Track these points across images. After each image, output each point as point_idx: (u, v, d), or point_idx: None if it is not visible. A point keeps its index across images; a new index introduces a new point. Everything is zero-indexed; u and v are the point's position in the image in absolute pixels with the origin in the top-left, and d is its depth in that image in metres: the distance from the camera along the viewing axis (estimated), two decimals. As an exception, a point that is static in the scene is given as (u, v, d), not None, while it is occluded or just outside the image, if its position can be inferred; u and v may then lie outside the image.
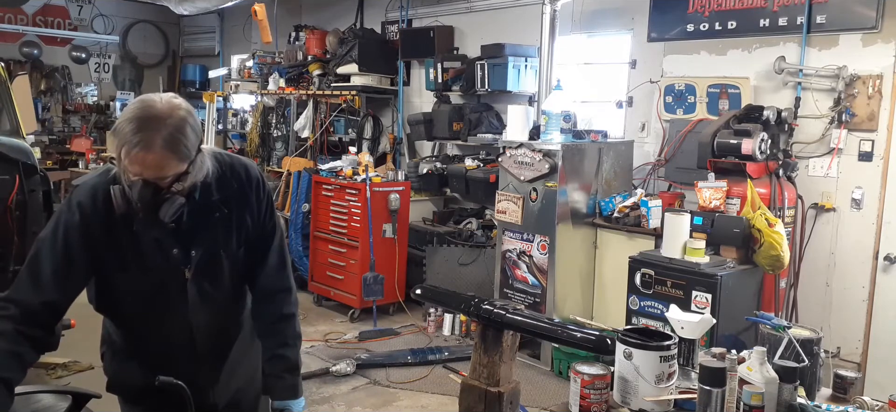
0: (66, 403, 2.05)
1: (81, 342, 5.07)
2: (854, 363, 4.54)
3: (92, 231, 1.92)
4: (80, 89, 11.43)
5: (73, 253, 1.92)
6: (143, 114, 1.78)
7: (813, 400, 2.32)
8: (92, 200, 1.92)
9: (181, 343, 2.09)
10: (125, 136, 1.75)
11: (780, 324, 2.54)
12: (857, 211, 4.64)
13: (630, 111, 5.81)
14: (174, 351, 2.09)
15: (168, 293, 2.03)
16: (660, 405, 2.16)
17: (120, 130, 1.77)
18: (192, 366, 2.09)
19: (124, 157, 1.77)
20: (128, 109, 1.82)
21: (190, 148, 1.84)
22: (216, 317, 2.13)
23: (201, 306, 2.06)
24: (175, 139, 1.79)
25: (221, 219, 2.03)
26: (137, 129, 1.75)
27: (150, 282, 2.01)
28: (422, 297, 3.32)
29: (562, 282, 5.06)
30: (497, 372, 2.59)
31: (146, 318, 2.07)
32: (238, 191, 2.07)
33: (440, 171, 6.69)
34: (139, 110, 1.78)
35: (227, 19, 11.28)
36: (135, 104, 1.83)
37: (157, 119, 1.77)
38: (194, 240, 2.01)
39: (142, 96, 1.87)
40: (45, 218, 4.65)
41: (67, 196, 2.01)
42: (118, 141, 1.78)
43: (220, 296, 2.10)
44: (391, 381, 4.87)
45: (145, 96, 1.85)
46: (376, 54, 7.65)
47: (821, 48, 4.75)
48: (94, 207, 1.91)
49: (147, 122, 1.76)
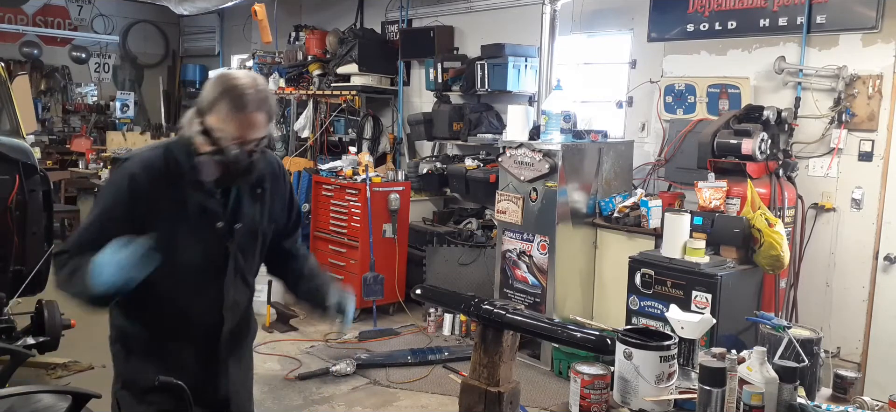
0: (66, 403, 2.05)
1: (81, 342, 5.07)
2: (854, 363, 4.54)
3: (143, 201, 1.99)
4: (80, 89, 11.42)
5: (122, 223, 1.96)
6: (234, 82, 1.95)
7: (813, 400, 2.33)
8: (146, 171, 2.00)
9: (211, 323, 2.14)
10: (223, 102, 1.93)
11: (780, 325, 2.54)
12: (857, 211, 4.64)
13: (630, 111, 5.80)
14: (201, 332, 2.14)
15: (209, 266, 2.10)
16: (660, 405, 2.16)
17: (216, 98, 1.94)
18: (215, 351, 2.16)
19: (223, 122, 1.93)
20: (215, 83, 1.98)
21: (273, 111, 2.03)
22: (242, 296, 2.22)
23: (234, 281, 2.15)
24: (267, 101, 1.99)
25: (261, 196, 2.17)
26: (235, 95, 1.93)
27: (194, 255, 2.07)
28: (422, 297, 3.33)
29: (562, 282, 5.05)
30: (497, 372, 2.59)
31: (182, 296, 2.10)
32: (272, 173, 2.22)
33: (440, 171, 6.69)
34: (228, 80, 1.96)
35: (227, 19, 11.27)
36: (221, 78, 1.99)
37: (247, 85, 1.95)
38: (238, 214, 2.12)
39: (222, 71, 2.05)
40: (46, 218, 4.65)
41: (117, 168, 2.06)
42: (213, 108, 1.94)
43: (249, 273, 2.22)
44: (391, 381, 4.87)
45: (226, 70, 2.06)
46: (376, 54, 7.65)
47: (821, 48, 4.75)
48: (147, 178, 1.99)
49: (241, 88, 1.94)
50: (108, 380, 2.33)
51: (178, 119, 12.18)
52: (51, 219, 4.76)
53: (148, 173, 2.00)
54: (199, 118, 1.98)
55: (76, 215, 8.69)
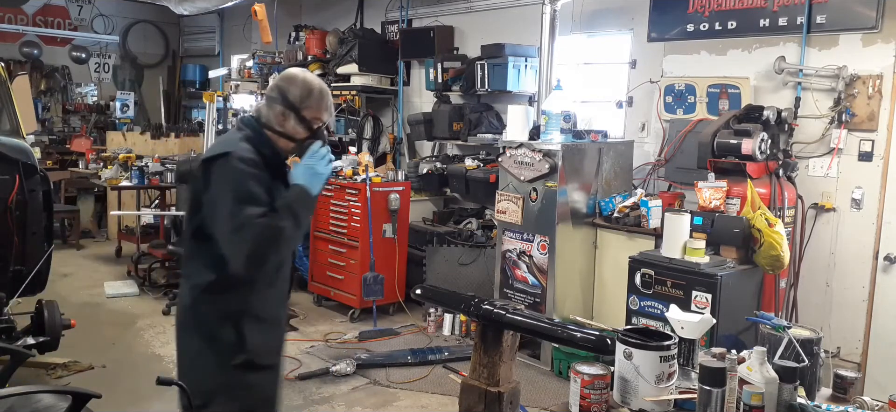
0: (66, 403, 2.05)
1: (81, 342, 5.09)
2: (854, 363, 4.54)
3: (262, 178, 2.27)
4: (80, 89, 11.43)
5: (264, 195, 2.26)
6: (316, 81, 2.40)
7: (813, 400, 2.33)
8: (254, 154, 2.27)
9: (288, 289, 2.52)
10: (314, 97, 2.36)
11: (780, 325, 2.54)
12: (857, 211, 4.64)
13: (630, 111, 5.81)
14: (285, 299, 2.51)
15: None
16: (660, 405, 2.16)
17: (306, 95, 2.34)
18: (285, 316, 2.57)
19: (318, 111, 2.37)
20: (302, 84, 2.35)
21: None
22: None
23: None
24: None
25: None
26: (324, 91, 2.38)
27: None
28: (422, 297, 3.33)
29: (562, 282, 5.06)
30: (497, 372, 2.59)
31: (285, 269, 2.48)
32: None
33: (440, 171, 6.69)
34: (310, 79, 2.38)
35: (227, 19, 11.28)
36: (303, 79, 2.37)
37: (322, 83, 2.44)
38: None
39: (294, 72, 2.41)
40: (46, 218, 4.65)
41: (227, 160, 2.22)
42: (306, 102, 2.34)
43: None
44: (391, 381, 4.87)
45: (294, 71, 2.41)
46: (376, 54, 7.66)
47: (821, 48, 4.75)
48: (255, 160, 2.26)
49: (322, 85, 2.41)
50: (108, 380, 2.33)
51: (179, 119, 12.26)
52: (51, 219, 4.76)
53: (252, 163, 2.25)
54: (294, 113, 2.33)
55: (76, 215, 8.71)
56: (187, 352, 2.40)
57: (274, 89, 2.38)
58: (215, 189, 2.23)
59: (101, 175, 8.34)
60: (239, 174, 2.20)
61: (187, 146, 9.93)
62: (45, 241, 4.65)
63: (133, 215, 8.37)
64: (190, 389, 2.14)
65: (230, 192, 2.19)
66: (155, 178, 8.07)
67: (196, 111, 11.98)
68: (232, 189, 2.19)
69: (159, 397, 4.35)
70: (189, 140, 10.15)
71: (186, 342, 2.39)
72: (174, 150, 9.81)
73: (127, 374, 4.82)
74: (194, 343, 2.35)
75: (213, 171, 2.23)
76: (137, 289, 6.76)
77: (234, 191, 2.19)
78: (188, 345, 2.38)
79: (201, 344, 2.34)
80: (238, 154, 2.23)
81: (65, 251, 8.14)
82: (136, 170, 8.05)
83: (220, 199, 2.21)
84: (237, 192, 2.19)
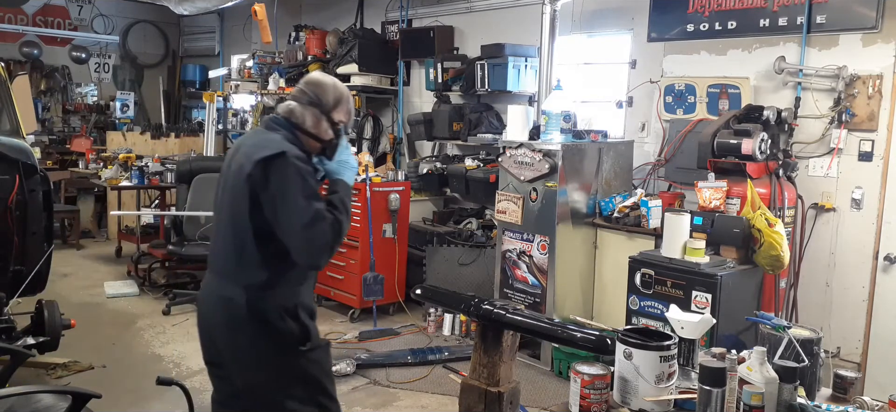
0: (66, 403, 2.05)
1: (81, 342, 5.09)
2: (854, 363, 4.54)
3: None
4: (80, 89, 11.44)
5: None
6: (339, 82, 2.58)
7: (813, 400, 2.33)
8: (300, 153, 2.40)
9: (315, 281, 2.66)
10: (343, 101, 2.54)
11: (780, 324, 2.54)
12: (857, 211, 4.64)
13: (630, 111, 5.81)
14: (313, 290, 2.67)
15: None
16: (660, 405, 2.16)
17: (337, 99, 2.52)
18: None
19: (345, 114, 2.54)
20: (332, 89, 2.53)
21: None
22: None
23: None
24: None
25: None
26: (347, 93, 2.57)
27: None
28: (422, 297, 3.34)
29: (562, 282, 5.06)
30: (497, 372, 2.60)
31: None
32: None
33: (440, 171, 6.69)
34: (338, 84, 2.56)
35: (227, 19, 11.28)
36: (331, 84, 2.54)
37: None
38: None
39: (323, 76, 2.58)
40: (46, 218, 4.65)
41: (285, 159, 2.32)
42: (337, 106, 2.52)
43: None
44: (391, 381, 4.87)
45: (321, 75, 2.58)
46: (376, 54, 7.65)
47: (821, 48, 4.76)
48: (305, 158, 2.41)
49: (343, 86, 2.60)
50: (108, 381, 2.34)
51: (179, 119, 12.25)
52: (51, 219, 4.76)
53: (305, 162, 2.39)
54: (326, 116, 2.50)
55: (76, 215, 8.71)
56: (248, 351, 2.42)
57: (305, 94, 2.51)
58: (276, 187, 2.30)
59: (101, 175, 8.34)
60: (302, 172, 2.33)
61: (187, 146, 9.94)
62: (45, 241, 4.64)
63: (133, 215, 8.37)
64: (265, 386, 2.41)
65: (298, 190, 2.30)
66: (155, 178, 8.07)
67: (196, 111, 11.99)
68: (299, 186, 2.31)
69: (159, 397, 4.36)
70: (189, 140, 10.15)
71: (245, 341, 2.41)
72: (174, 150, 9.81)
73: (127, 374, 4.82)
74: (258, 342, 2.39)
75: (271, 169, 2.30)
76: (137, 289, 6.76)
77: (302, 188, 2.31)
78: (249, 344, 2.41)
79: (266, 341, 2.40)
80: (293, 153, 2.34)
81: (65, 251, 8.14)
82: (136, 170, 8.06)
83: (285, 196, 2.30)
84: (304, 189, 2.31)
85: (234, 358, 2.47)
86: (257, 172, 2.31)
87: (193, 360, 5.14)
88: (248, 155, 2.37)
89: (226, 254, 2.45)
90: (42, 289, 4.64)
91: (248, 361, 2.44)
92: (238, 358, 2.46)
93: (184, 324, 5.90)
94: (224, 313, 2.42)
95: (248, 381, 2.47)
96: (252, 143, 2.45)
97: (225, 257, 2.45)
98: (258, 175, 2.31)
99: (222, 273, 2.46)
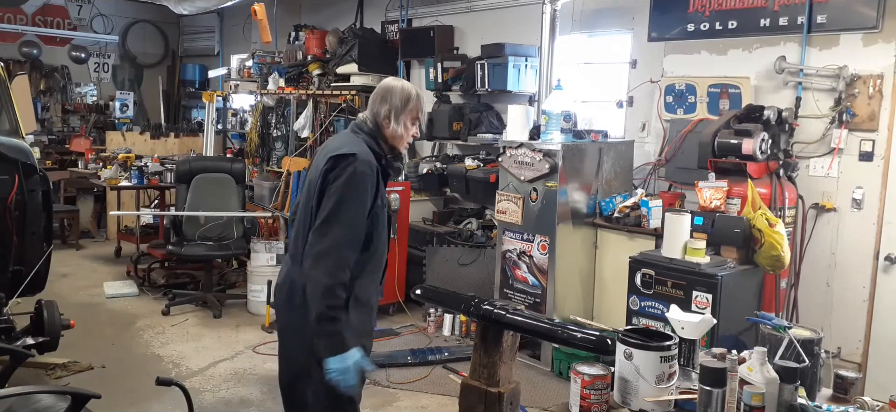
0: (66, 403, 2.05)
1: (81, 342, 5.09)
2: (854, 363, 4.53)
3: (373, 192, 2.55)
4: (80, 89, 11.43)
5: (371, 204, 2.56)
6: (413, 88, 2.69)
7: (813, 400, 2.32)
8: (373, 158, 2.56)
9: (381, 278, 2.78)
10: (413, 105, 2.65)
11: (780, 325, 2.54)
12: (858, 211, 4.64)
13: (630, 111, 5.80)
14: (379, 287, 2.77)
15: (388, 228, 2.71)
16: (660, 405, 2.16)
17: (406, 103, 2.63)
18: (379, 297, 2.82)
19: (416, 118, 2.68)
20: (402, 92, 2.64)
21: None
22: None
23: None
24: None
25: None
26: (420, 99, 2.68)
27: (384, 232, 2.67)
28: (422, 297, 3.34)
29: (562, 283, 5.05)
30: (497, 372, 2.59)
31: (383, 254, 2.71)
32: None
33: (440, 171, 6.69)
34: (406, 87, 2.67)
35: (227, 19, 11.28)
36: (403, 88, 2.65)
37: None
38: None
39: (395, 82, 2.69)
40: (45, 218, 4.64)
41: (350, 163, 2.48)
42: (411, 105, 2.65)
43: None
44: (391, 381, 4.86)
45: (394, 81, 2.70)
46: (376, 54, 7.65)
47: (821, 48, 4.75)
48: (373, 165, 2.55)
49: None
50: (107, 381, 2.33)
51: (178, 118, 12.26)
52: (50, 219, 4.76)
53: (371, 169, 2.52)
54: (396, 119, 2.63)
55: (75, 215, 8.71)
56: (297, 328, 2.61)
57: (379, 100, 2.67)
58: (333, 186, 2.49)
59: (101, 175, 8.34)
60: (358, 182, 2.49)
61: (187, 146, 9.93)
62: (45, 241, 4.64)
63: (132, 215, 8.36)
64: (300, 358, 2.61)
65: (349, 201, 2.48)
66: (154, 178, 8.06)
67: (195, 111, 11.99)
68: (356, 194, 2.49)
69: (159, 397, 4.35)
70: (188, 140, 10.15)
71: (295, 321, 2.60)
72: (173, 150, 9.81)
73: (126, 375, 4.82)
74: (303, 323, 2.54)
75: (339, 166, 2.49)
76: (137, 290, 6.75)
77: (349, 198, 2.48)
78: (297, 323, 2.59)
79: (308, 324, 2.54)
80: (363, 157, 2.51)
81: (64, 251, 8.13)
82: (136, 170, 8.05)
83: (336, 194, 2.47)
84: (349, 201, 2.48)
85: (287, 332, 2.73)
86: (329, 167, 2.51)
87: (193, 361, 5.14)
88: (327, 152, 2.58)
89: (297, 240, 2.64)
90: (41, 289, 4.64)
91: (292, 339, 2.68)
92: (288, 332, 2.71)
93: (183, 324, 5.90)
94: (287, 292, 2.64)
95: (290, 356, 2.71)
96: (335, 143, 2.66)
97: (295, 243, 2.64)
98: (331, 169, 2.50)
99: (293, 257, 2.66)
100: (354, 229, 2.49)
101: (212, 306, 6.19)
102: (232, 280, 7.15)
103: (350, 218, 2.47)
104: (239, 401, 4.52)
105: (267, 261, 6.15)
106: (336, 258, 2.44)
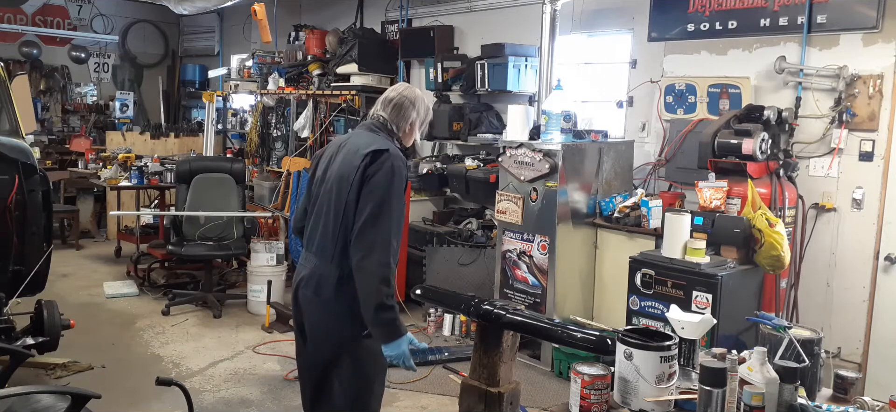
0: (66, 403, 2.05)
1: (81, 342, 5.09)
2: (855, 363, 4.53)
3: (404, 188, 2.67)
4: (80, 89, 11.42)
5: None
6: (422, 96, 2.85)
7: (813, 400, 2.32)
8: (402, 154, 2.68)
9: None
10: (428, 107, 2.84)
11: (780, 325, 2.54)
12: (858, 211, 4.64)
13: (630, 111, 5.80)
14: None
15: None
16: (660, 405, 2.16)
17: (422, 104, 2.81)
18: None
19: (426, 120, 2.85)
20: (420, 100, 2.79)
21: None
22: None
23: None
24: None
25: None
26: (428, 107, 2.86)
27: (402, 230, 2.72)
28: (422, 297, 3.34)
29: (562, 283, 5.05)
30: (497, 372, 2.59)
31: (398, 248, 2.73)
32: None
33: (440, 171, 6.68)
34: (418, 94, 2.81)
35: (227, 19, 11.28)
36: (417, 95, 2.80)
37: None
38: None
39: (411, 88, 2.82)
40: (45, 218, 4.64)
41: (388, 159, 2.58)
42: (423, 111, 2.81)
43: None
44: (391, 381, 4.86)
45: (409, 87, 2.83)
46: (376, 54, 7.65)
47: (821, 48, 4.75)
48: (404, 160, 2.66)
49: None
50: (107, 381, 2.33)
51: (178, 119, 12.26)
52: (50, 219, 4.76)
53: (405, 165, 2.63)
54: (419, 128, 2.82)
55: (75, 215, 8.71)
56: (326, 321, 2.69)
57: (407, 108, 2.77)
58: (378, 176, 2.56)
59: (101, 175, 8.33)
60: (397, 178, 2.58)
61: (187, 146, 9.93)
62: (45, 241, 4.64)
63: (132, 215, 8.36)
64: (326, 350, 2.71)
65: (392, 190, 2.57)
66: (154, 178, 8.06)
67: (196, 111, 11.98)
68: (395, 187, 2.58)
69: (159, 397, 4.35)
70: (188, 140, 10.14)
71: (327, 313, 2.68)
72: (173, 150, 9.81)
73: (126, 374, 4.82)
74: (330, 318, 2.67)
75: (378, 161, 2.57)
76: (137, 290, 6.75)
77: (396, 188, 2.58)
78: (328, 314, 2.68)
79: (341, 316, 2.66)
80: (395, 153, 2.62)
81: (64, 251, 8.13)
82: (136, 170, 8.05)
83: (381, 187, 2.55)
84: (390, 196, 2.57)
85: (315, 326, 2.76)
86: (367, 162, 2.58)
87: (193, 360, 5.14)
88: (358, 149, 2.64)
89: (325, 237, 2.68)
90: (41, 289, 4.63)
91: (319, 331, 2.74)
92: (317, 326, 2.75)
93: (183, 324, 5.90)
94: (315, 285, 2.69)
95: (318, 348, 2.77)
96: (363, 140, 2.68)
97: (323, 239, 2.69)
98: (368, 165, 2.57)
99: (320, 251, 2.70)
100: (398, 220, 2.59)
101: (212, 306, 6.19)
102: (232, 280, 7.15)
103: (394, 210, 2.57)
104: (239, 401, 4.52)
105: (267, 262, 6.15)
106: (387, 248, 2.53)
